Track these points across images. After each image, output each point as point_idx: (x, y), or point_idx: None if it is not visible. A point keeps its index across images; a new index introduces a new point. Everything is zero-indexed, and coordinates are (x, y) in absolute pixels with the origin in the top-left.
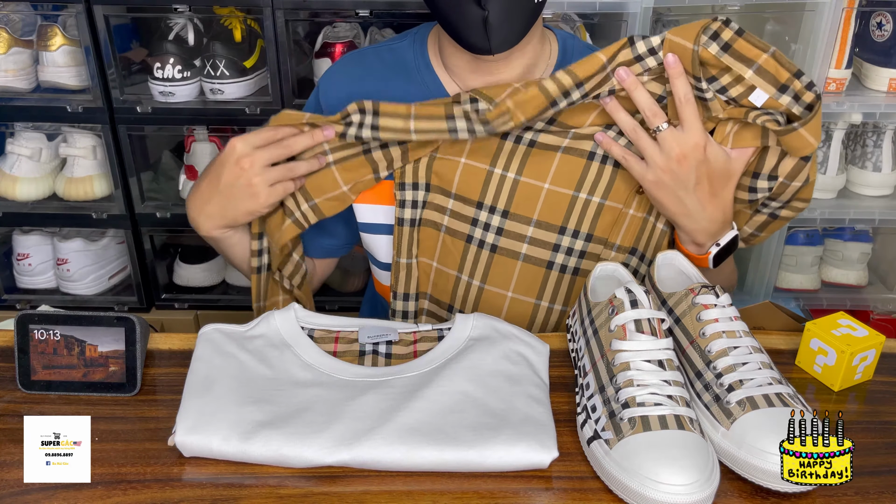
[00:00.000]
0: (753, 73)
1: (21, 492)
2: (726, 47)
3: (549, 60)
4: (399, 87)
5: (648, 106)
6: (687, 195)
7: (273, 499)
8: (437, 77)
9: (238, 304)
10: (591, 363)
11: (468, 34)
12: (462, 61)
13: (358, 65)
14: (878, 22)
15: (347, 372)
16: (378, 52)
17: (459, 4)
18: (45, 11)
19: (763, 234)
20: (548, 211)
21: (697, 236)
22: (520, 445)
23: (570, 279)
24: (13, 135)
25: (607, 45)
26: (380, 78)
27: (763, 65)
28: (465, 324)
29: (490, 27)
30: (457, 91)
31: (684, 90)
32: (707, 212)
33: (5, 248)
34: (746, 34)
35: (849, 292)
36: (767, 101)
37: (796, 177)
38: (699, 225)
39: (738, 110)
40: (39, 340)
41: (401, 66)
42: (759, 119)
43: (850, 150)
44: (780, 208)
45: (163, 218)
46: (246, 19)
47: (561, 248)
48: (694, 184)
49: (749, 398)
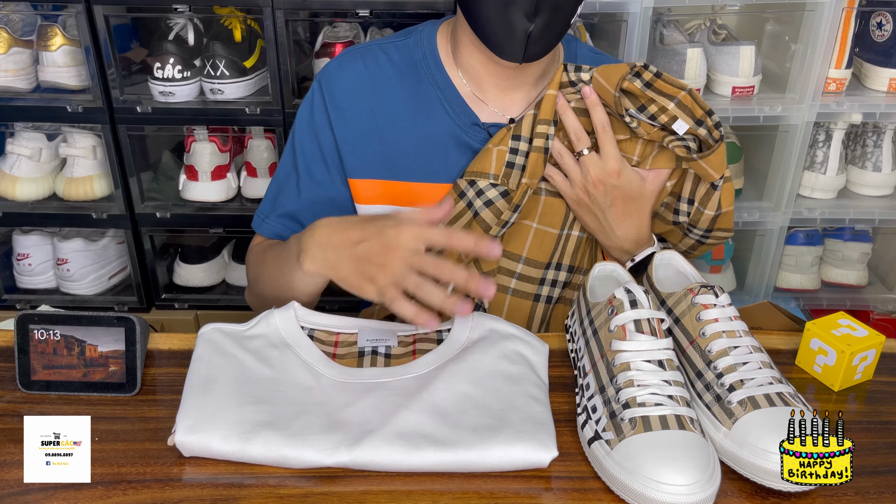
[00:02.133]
0: (675, 106)
1: (21, 492)
2: (648, 85)
3: (557, 65)
4: (410, 85)
5: (574, 131)
6: (602, 215)
7: (273, 499)
8: (447, 76)
9: (238, 305)
10: (590, 363)
11: (506, 44)
12: (479, 63)
13: (364, 61)
14: (878, 22)
15: (347, 373)
16: (384, 48)
17: (506, 15)
18: (45, 11)
19: (696, 252)
20: (536, 249)
21: (612, 252)
22: (520, 445)
23: (553, 307)
24: (13, 135)
25: (607, 44)
26: (388, 77)
27: (682, 100)
28: (465, 324)
29: (531, 40)
30: (468, 91)
31: (601, 120)
32: (621, 231)
33: (5, 248)
34: (664, 75)
35: (849, 292)
36: (689, 129)
37: (707, 204)
38: (613, 242)
39: (659, 133)
40: (39, 340)
41: (409, 64)
42: (671, 144)
43: (850, 150)
44: (703, 236)
45: (163, 218)
46: (246, 19)
47: (546, 282)
48: (609, 205)
49: (750, 398)
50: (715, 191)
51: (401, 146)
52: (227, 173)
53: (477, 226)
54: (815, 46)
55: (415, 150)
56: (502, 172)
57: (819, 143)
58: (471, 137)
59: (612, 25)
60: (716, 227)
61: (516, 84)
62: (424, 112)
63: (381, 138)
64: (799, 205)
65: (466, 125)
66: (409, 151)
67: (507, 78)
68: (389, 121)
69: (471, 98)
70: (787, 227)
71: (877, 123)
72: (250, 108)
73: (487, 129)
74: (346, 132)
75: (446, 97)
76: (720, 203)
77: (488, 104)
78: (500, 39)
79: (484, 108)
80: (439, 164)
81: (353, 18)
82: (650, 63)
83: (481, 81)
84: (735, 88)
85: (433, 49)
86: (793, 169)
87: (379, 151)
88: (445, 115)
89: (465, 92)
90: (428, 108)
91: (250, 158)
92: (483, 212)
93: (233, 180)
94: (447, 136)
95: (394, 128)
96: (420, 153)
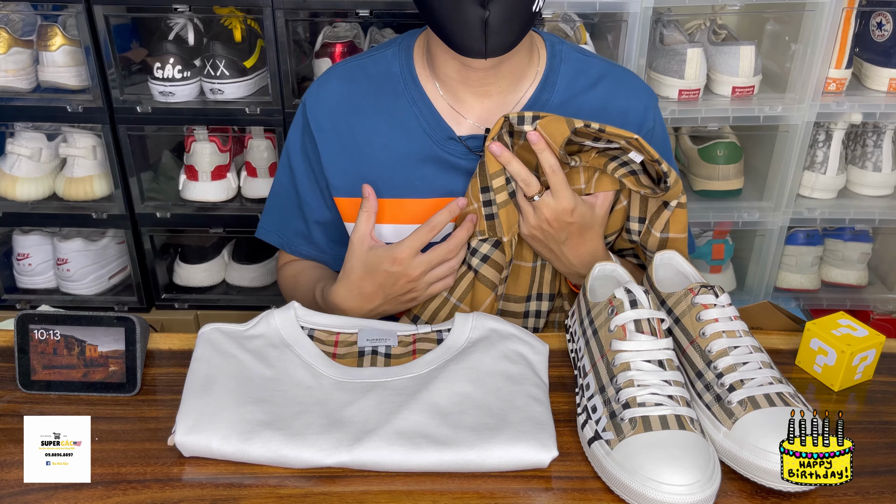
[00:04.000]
0: (626, 143)
1: (21, 492)
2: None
3: (537, 68)
4: (387, 101)
5: (522, 178)
6: (557, 247)
7: (273, 499)
8: (423, 91)
9: (238, 305)
10: (590, 363)
11: (464, 36)
12: (453, 70)
13: (343, 80)
14: (878, 22)
15: (347, 373)
16: (362, 65)
17: (457, 4)
18: (45, 11)
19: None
20: (513, 284)
21: (571, 277)
22: (520, 445)
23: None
24: (13, 135)
25: (607, 44)
26: (366, 94)
27: (632, 143)
28: (465, 324)
29: (489, 29)
30: (445, 105)
31: (549, 162)
32: (577, 259)
33: (5, 248)
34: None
35: (849, 292)
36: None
37: (655, 223)
38: (570, 269)
39: (600, 160)
40: (39, 340)
41: (386, 79)
42: (616, 172)
43: (850, 150)
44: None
45: (163, 218)
46: (246, 19)
47: (530, 314)
48: (564, 239)
49: (750, 398)
50: (665, 209)
51: (380, 163)
52: (227, 173)
53: (481, 284)
54: (815, 46)
55: (393, 166)
56: (486, 226)
57: (819, 143)
58: (447, 152)
59: (612, 25)
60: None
61: (491, 90)
62: (401, 128)
63: (361, 156)
64: (799, 205)
65: (442, 140)
66: (387, 168)
67: (480, 84)
68: (368, 138)
69: (448, 112)
70: (787, 227)
71: (877, 123)
72: (250, 108)
73: (464, 143)
74: (330, 152)
75: (422, 112)
76: (668, 226)
77: (466, 116)
78: (457, 33)
79: (462, 122)
80: (418, 180)
81: (353, 18)
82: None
83: (457, 91)
84: (735, 88)
85: (409, 62)
86: (793, 169)
87: (360, 169)
88: (420, 131)
89: (441, 106)
90: (404, 124)
91: (250, 158)
92: (482, 268)
93: (233, 180)
94: (424, 151)
95: (372, 145)
96: (398, 169)
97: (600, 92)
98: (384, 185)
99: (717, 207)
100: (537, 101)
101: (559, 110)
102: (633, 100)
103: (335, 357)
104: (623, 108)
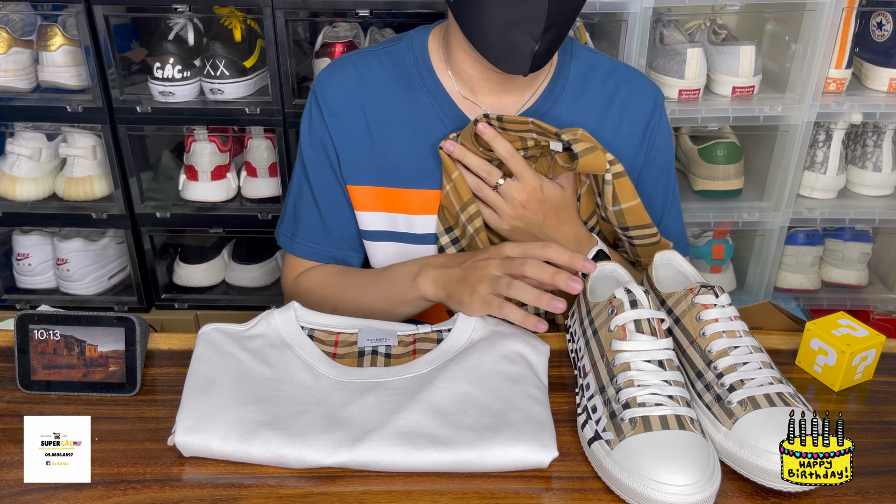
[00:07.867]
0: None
1: (21, 492)
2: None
3: (549, 69)
4: (401, 91)
5: (481, 168)
6: (539, 230)
7: (273, 499)
8: (439, 82)
9: (238, 305)
10: (591, 364)
11: (510, 60)
12: (473, 69)
13: (356, 67)
14: (878, 22)
15: (347, 373)
16: (376, 55)
17: (511, 35)
18: (45, 11)
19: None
20: None
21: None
22: (520, 445)
23: None
24: (13, 135)
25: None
26: (380, 83)
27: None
28: (467, 325)
29: (536, 57)
30: (462, 97)
31: (504, 148)
32: (561, 239)
33: (5, 248)
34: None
35: (849, 292)
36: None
37: (605, 199)
38: None
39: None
40: (39, 340)
41: (401, 71)
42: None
43: (851, 150)
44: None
45: (163, 218)
46: (246, 19)
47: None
48: (542, 220)
49: (751, 398)
50: (607, 185)
51: (393, 153)
52: (227, 173)
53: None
54: (815, 46)
55: (407, 156)
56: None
57: (819, 143)
58: None
59: (612, 25)
60: (629, 224)
61: (512, 87)
62: (417, 118)
63: (374, 145)
64: (799, 205)
65: (459, 129)
66: (402, 158)
67: (502, 83)
68: (382, 127)
69: (461, 101)
70: (787, 227)
71: (877, 123)
72: (250, 108)
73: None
74: (343, 138)
75: (438, 103)
76: (617, 198)
77: (481, 106)
78: (504, 57)
79: (475, 110)
80: (432, 171)
81: (353, 18)
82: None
83: (475, 86)
84: (735, 88)
85: (425, 55)
86: (793, 169)
87: (373, 158)
88: (438, 121)
89: (456, 95)
90: (420, 115)
91: (250, 158)
92: None
93: (233, 180)
94: (440, 141)
95: (386, 134)
96: (413, 160)
97: (609, 88)
98: (397, 175)
99: (717, 207)
100: (550, 95)
101: (570, 105)
102: (642, 96)
103: (335, 357)
104: (631, 102)
